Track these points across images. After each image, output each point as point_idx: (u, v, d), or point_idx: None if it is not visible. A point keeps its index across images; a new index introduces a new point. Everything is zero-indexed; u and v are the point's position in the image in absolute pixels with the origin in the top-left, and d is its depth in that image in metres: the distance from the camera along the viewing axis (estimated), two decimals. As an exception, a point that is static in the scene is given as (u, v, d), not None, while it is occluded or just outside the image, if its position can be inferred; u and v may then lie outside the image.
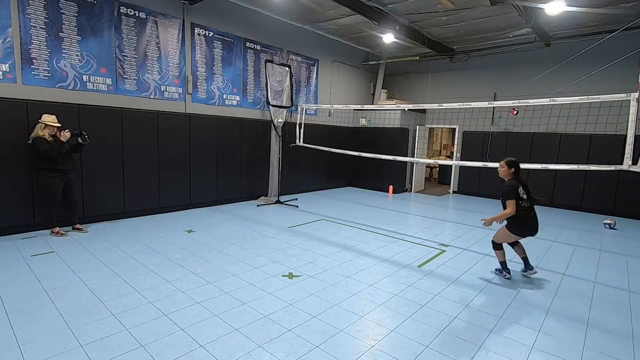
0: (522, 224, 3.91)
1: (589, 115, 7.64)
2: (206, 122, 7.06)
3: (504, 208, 3.89)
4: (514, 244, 4.22)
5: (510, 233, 3.96)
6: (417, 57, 10.11)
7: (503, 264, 4.10)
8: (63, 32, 5.25)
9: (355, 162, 10.36)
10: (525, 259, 4.17)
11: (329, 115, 10.19)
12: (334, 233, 5.75)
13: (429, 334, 2.88)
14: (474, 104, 5.57)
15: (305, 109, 8.36)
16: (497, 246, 4.11)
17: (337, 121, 10.37)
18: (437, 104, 6.08)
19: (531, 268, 4.14)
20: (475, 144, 9.88)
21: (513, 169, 3.95)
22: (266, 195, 8.17)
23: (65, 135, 4.90)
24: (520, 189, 3.85)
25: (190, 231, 5.51)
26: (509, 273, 4.08)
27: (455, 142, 10.57)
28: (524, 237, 4.02)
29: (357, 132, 10.85)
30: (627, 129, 4.16)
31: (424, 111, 10.88)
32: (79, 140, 5.04)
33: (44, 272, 3.79)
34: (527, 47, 8.67)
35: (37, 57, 5.06)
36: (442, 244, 5.38)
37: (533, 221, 3.93)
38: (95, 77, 5.64)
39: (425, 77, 10.97)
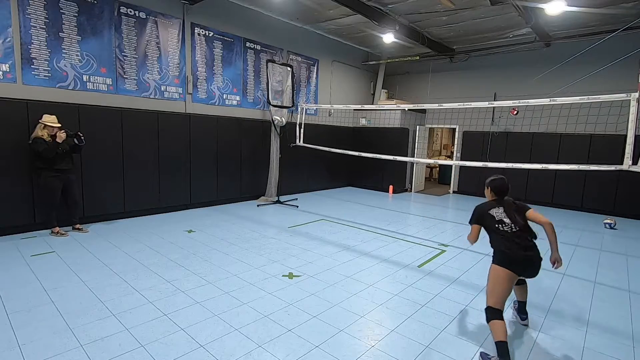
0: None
1: (589, 115, 7.64)
2: (206, 122, 7.06)
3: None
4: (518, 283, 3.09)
5: (498, 266, 2.69)
6: (417, 57, 10.10)
7: (501, 345, 2.41)
8: (63, 32, 5.25)
9: (356, 162, 10.35)
10: (522, 304, 3.15)
11: (329, 115, 10.19)
12: (334, 233, 5.75)
13: (429, 334, 2.88)
14: (474, 104, 5.57)
15: (305, 109, 8.36)
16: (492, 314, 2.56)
17: (337, 121, 10.37)
18: (437, 104, 6.08)
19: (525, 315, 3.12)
20: (475, 144, 9.88)
21: (491, 191, 2.97)
22: (266, 195, 8.17)
23: (61, 136, 4.88)
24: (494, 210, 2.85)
25: (190, 231, 5.51)
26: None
27: (455, 142, 10.57)
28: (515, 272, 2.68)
29: (357, 132, 10.84)
30: (627, 129, 4.15)
31: (424, 111, 10.88)
32: (75, 141, 5.03)
33: (44, 272, 3.79)
34: (527, 47, 8.66)
35: (37, 57, 5.06)
36: (442, 244, 5.38)
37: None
38: (95, 77, 5.64)
39: (425, 77, 10.97)
